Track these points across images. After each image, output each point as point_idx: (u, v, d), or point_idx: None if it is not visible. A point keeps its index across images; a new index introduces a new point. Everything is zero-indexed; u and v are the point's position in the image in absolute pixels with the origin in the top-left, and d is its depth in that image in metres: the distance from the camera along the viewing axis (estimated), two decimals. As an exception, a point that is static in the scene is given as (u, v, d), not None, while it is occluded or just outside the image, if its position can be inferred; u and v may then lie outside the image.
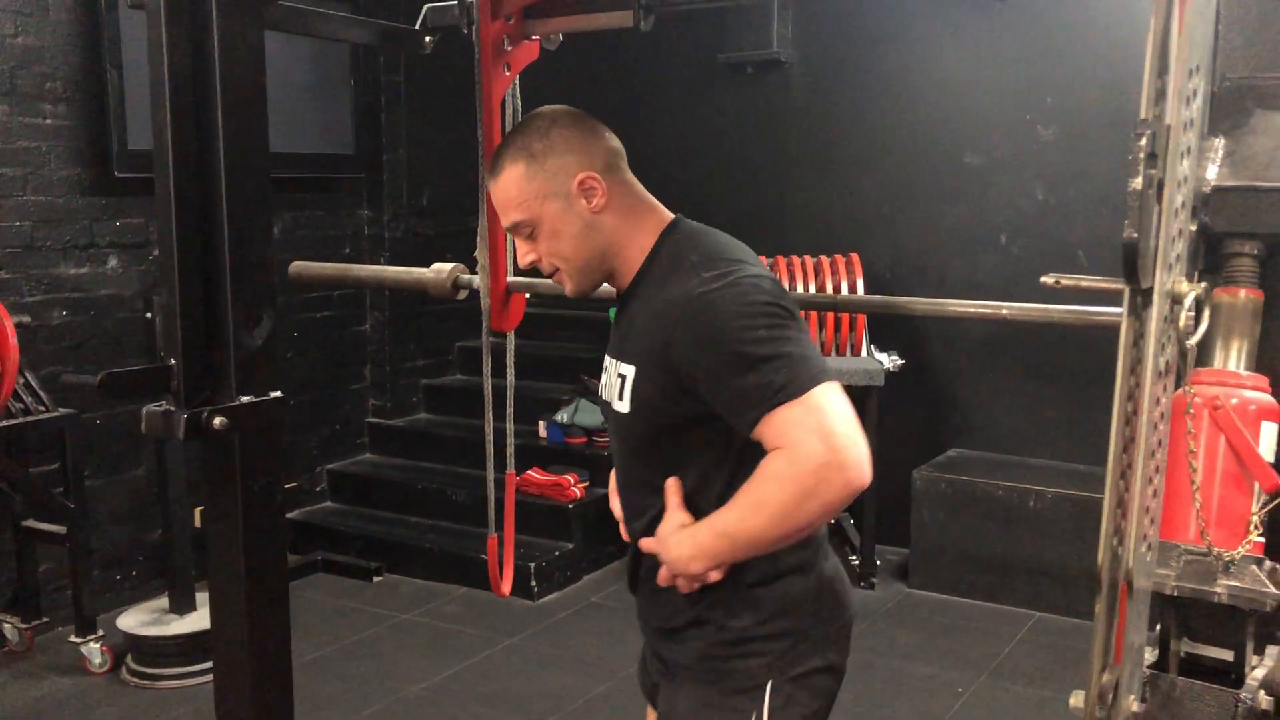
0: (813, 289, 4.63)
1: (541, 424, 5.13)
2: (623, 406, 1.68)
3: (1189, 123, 0.93)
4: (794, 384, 1.47)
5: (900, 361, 4.59)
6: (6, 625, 3.97)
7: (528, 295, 2.44)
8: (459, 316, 5.74)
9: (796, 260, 4.76)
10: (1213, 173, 1.09)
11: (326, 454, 5.35)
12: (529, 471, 4.89)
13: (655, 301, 1.63)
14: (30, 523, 3.92)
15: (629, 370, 1.67)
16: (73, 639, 3.87)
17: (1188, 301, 0.92)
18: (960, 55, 4.81)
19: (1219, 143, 1.10)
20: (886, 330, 4.81)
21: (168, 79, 1.83)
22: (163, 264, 1.90)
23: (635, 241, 1.71)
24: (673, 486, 1.64)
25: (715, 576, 1.61)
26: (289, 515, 5.09)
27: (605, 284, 1.77)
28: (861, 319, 4.68)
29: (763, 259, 4.77)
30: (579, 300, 1.84)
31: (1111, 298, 1.02)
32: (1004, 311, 1.90)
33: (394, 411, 5.58)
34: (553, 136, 1.67)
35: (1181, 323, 0.91)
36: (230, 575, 1.94)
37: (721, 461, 1.61)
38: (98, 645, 3.85)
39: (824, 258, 4.77)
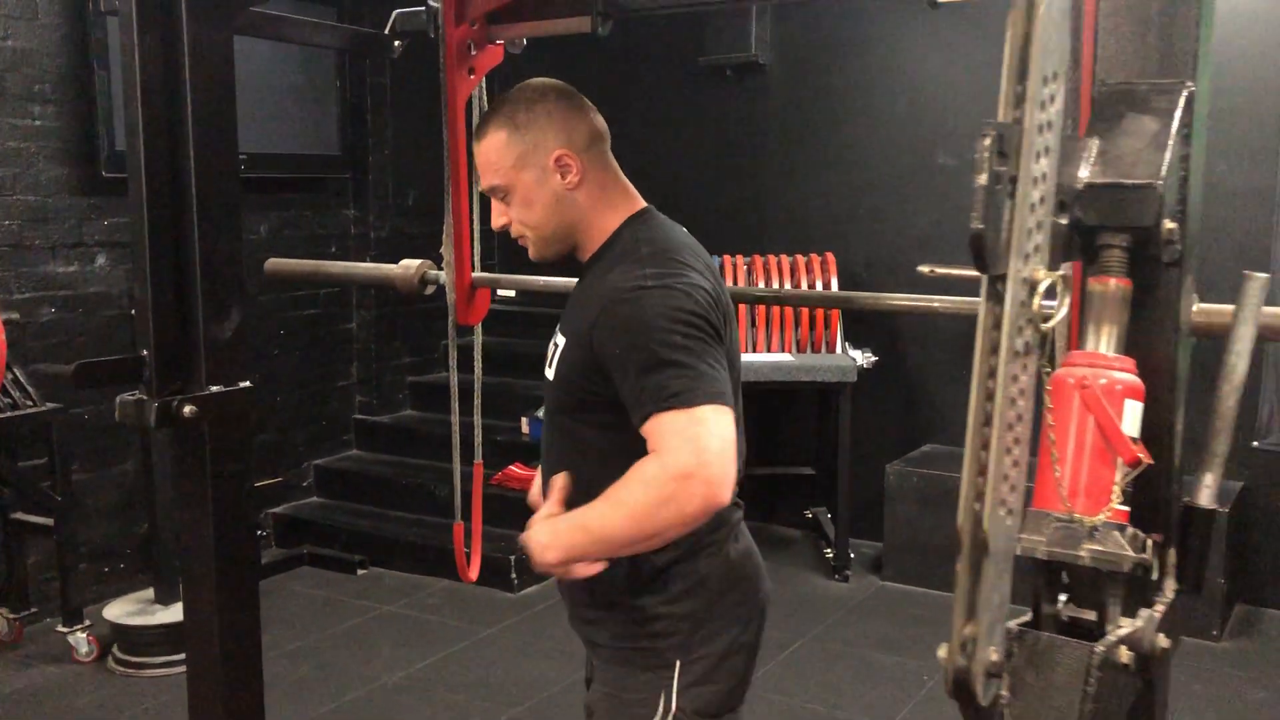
0: (788, 287, 4.72)
1: (524, 420, 5.21)
2: (550, 373, 1.76)
3: (1046, 124, 1.02)
4: (686, 394, 1.51)
5: (874, 359, 4.67)
6: (-5, 616, 4.06)
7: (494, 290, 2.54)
8: (445, 315, 5.80)
9: (773, 259, 4.85)
10: (1085, 171, 1.17)
11: (314, 449, 5.44)
12: (511, 467, 4.98)
13: (599, 284, 1.68)
14: (19, 515, 4.01)
15: (562, 341, 1.73)
16: (60, 629, 3.96)
17: (1042, 288, 1.00)
18: (933, 59, 4.89)
19: (1094, 143, 1.19)
20: (861, 328, 4.89)
21: (139, 82, 1.91)
22: (135, 259, 1.99)
23: (601, 222, 1.75)
24: (558, 481, 1.66)
25: (580, 572, 1.58)
26: (276, 510, 5.18)
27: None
28: (835, 317, 4.78)
29: (739, 258, 4.90)
30: (560, 299, 1.89)
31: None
32: (935, 304, 2.00)
33: (380, 408, 5.67)
34: (537, 110, 1.72)
35: (1035, 307, 1.00)
36: (201, 558, 2.02)
37: (622, 450, 1.59)
38: (85, 635, 3.93)
39: (800, 257, 4.86)
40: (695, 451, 1.49)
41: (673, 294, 1.59)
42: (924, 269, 1.14)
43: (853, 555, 4.80)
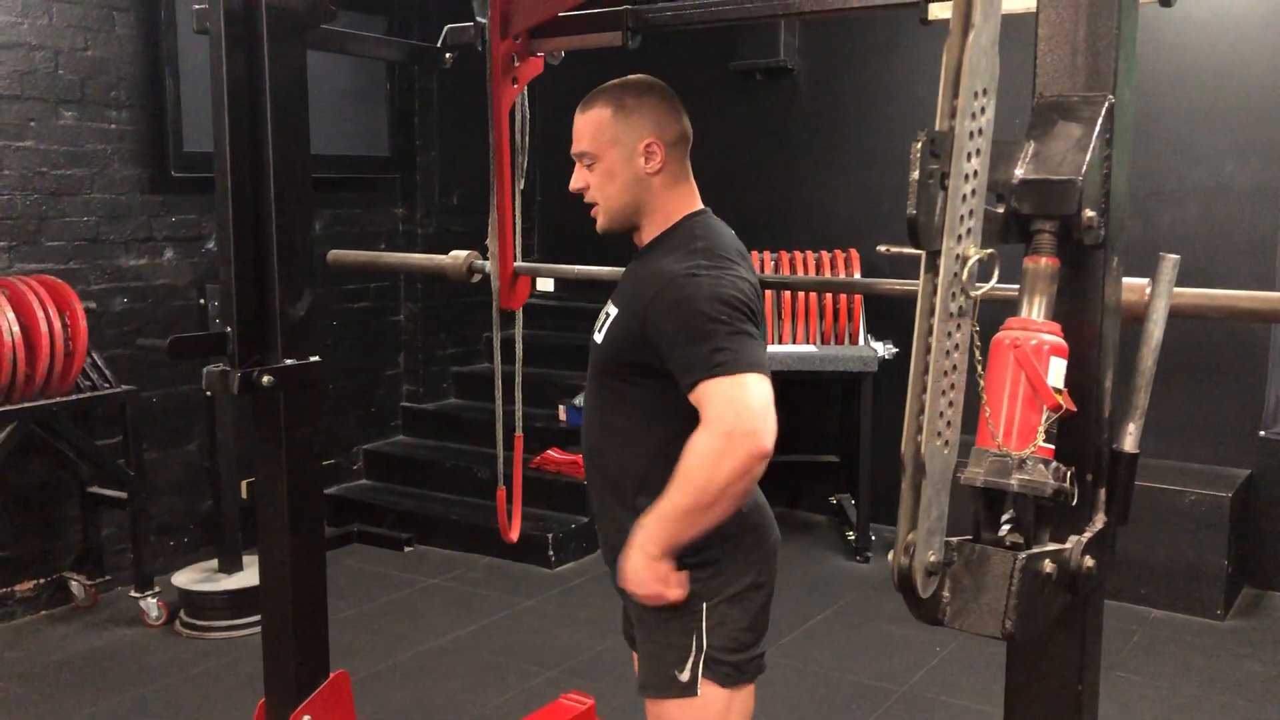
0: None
1: (561, 408, 5.48)
2: (599, 338, 2.03)
3: (977, 131, 1.26)
4: (730, 364, 1.78)
5: (895, 350, 4.90)
6: (73, 582, 4.38)
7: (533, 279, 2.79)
8: (487, 308, 6.08)
9: (799, 256, 5.08)
10: (1021, 169, 1.41)
11: (363, 435, 5.75)
12: (549, 451, 5.25)
13: (655, 266, 1.95)
14: (95, 489, 4.34)
15: (614, 311, 2.01)
16: (132, 594, 4.29)
17: (972, 262, 1.25)
18: (955, 63, 5.10)
19: (1029, 145, 1.43)
20: (883, 320, 5.11)
21: (226, 91, 2.19)
22: (220, 246, 2.27)
23: (666, 211, 2.01)
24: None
25: (674, 595, 1.89)
26: (328, 491, 5.48)
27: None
28: (858, 311, 5.00)
29: (766, 254, 5.13)
30: (598, 291, 2.15)
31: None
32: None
33: (425, 396, 5.97)
34: (644, 100, 2.00)
35: (965, 277, 1.24)
36: (275, 507, 2.31)
37: (658, 414, 1.87)
38: (155, 600, 4.25)
39: (825, 253, 5.09)
40: (736, 411, 1.76)
41: (720, 282, 1.86)
42: (882, 248, 1.38)
43: (874, 538, 5.03)
